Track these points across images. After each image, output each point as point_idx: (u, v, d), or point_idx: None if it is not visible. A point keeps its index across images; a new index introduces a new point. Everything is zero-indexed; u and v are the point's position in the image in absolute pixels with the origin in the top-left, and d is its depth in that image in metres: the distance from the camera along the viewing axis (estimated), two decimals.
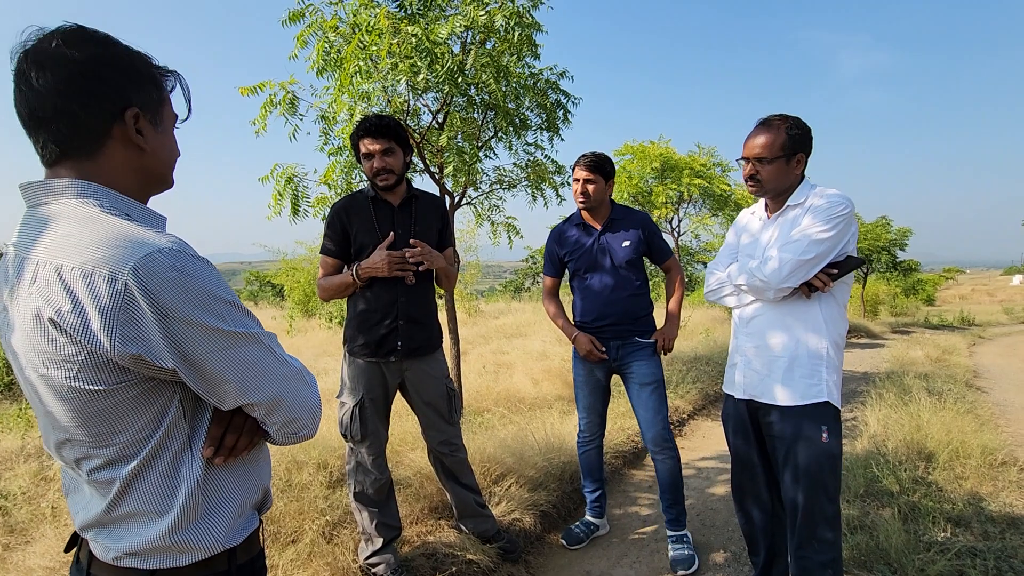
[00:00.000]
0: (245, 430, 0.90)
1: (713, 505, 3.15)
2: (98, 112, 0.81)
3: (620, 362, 2.56)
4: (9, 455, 3.27)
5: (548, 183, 4.54)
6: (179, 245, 0.79)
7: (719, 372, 6.07)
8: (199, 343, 0.79)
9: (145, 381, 0.81)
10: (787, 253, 1.74)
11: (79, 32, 0.81)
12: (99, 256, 0.74)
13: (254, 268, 30.42)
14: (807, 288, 1.77)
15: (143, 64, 0.86)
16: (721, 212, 9.16)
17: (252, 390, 0.85)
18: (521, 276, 22.07)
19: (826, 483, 1.77)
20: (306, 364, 4.63)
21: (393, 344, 2.12)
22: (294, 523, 2.38)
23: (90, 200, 0.81)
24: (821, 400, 1.79)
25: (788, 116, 1.81)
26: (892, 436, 3.83)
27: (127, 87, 0.84)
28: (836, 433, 1.79)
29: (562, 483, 3.11)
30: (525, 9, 3.45)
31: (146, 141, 0.87)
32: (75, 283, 0.74)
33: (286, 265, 13.24)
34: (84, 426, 0.82)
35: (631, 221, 2.57)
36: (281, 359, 0.90)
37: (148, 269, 0.74)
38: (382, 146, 2.06)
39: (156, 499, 0.85)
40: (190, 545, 0.87)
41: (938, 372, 6.61)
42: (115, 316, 0.74)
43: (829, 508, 1.77)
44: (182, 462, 0.86)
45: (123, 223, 0.79)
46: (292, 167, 3.84)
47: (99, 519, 0.87)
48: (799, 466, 1.79)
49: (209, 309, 0.79)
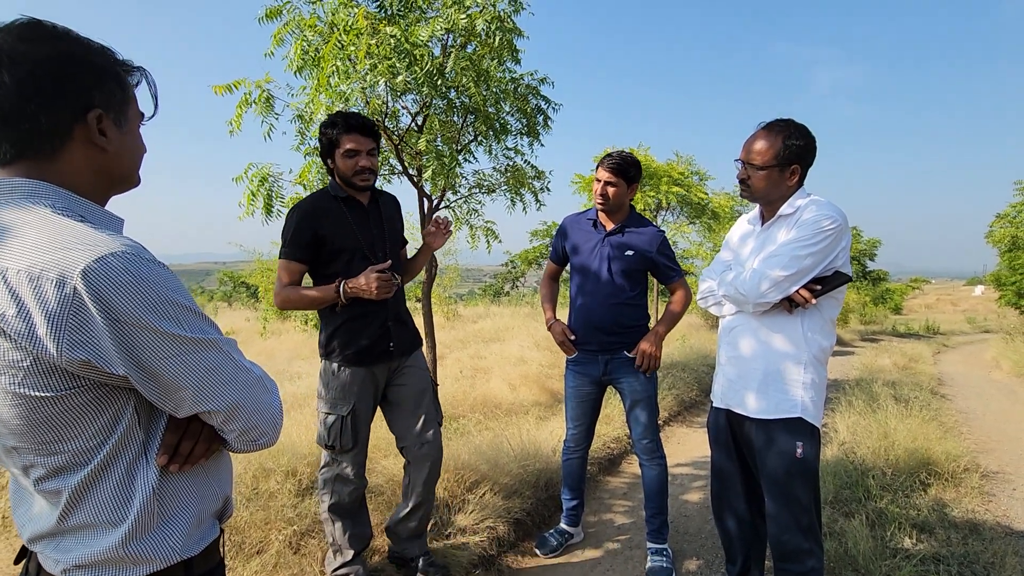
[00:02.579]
0: (202, 437, 0.88)
1: (687, 512, 3.17)
2: (59, 113, 0.78)
3: (610, 376, 2.52)
4: None
5: (527, 188, 4.53)
6: (133, 249, 0.76)
7: (695, 379, 6.13)
8: (153, 349, 0.77)
9: (97, 387, 0.78)
10: (767, 267, 1.70)
11: (36, 27, 0.77)
12: (47, 259, 0.71)
13: (228, 268, 29.83)
14: (788, 303, 1.73)
15: (106, 61, 0.83)
16: (698, 220, 9.30)
17: (209, 397, 0.83)
18: (500, 280, 22.04)
19: (798, 495, 1.76)
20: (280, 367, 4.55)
21: (385, 345, 2.08)
22: (260, 533, 2.31)
23: (40, 201, 0.77)
24: (794, 416, 1.75)
25: (792, 123, 1.75)
26: (861, 443, 3.91)
27: (90, 87, 0.80)
28: (813, 448, 1.76)
29: (537, 490, 3.09)
30: (507, 14, 3.44)
31: (109, 142, 0.84)
32: (20, 287, 0.71)
33: (261, 266, 12.98)
34: (30, 433, 0.79)
35: (643, 233, 2.48)
36: (240, 365, 0.87)
37: (99, 273, 0.72)
38: (369, 145, 2.00)
39: (110, 509, 0.82)
40: (145, 556, 0.84)
41: (905, 380, 6.78)
42: (62, 321, 0.71)
43: (804, 518, 1.76)
44: (137, 470, 0.83)
45: (75, 225, 0.76)
46: (267, 167, 3.76)
47: (49, 531, 0.84)
48: (771, 477, 1.79)
49: (164, 314, 0.77)
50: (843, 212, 1.71)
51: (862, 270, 17.93)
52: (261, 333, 10.85)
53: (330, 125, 2.01)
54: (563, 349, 2.56)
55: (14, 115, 0.76)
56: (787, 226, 1.78)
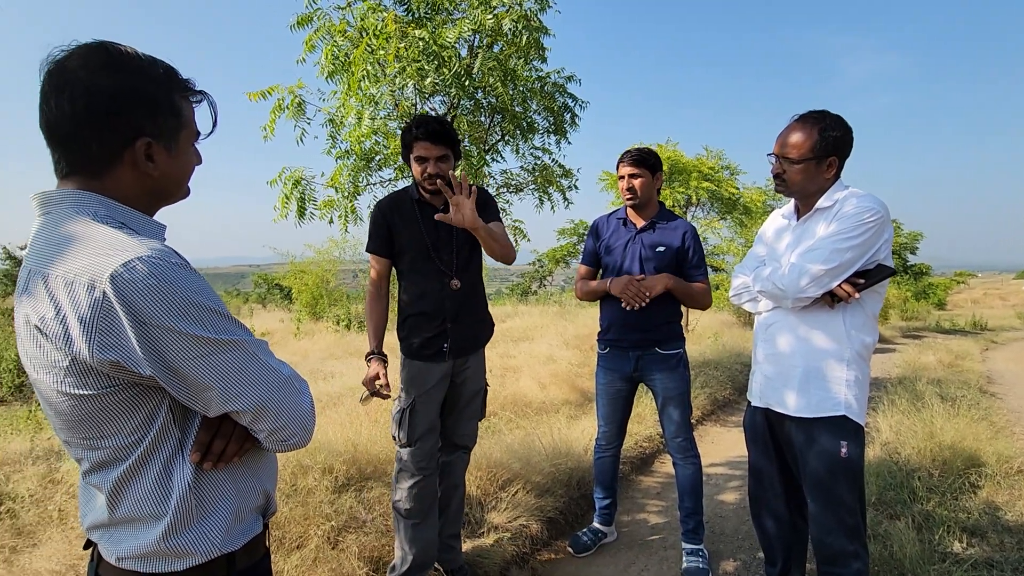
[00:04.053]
0: (234, 436, 0.90)
1: (723, 512, 3.11)
2: (109, 141, 0.83)
3: (642, 373, 2.50)
4: (18, 457, 3.28)
5: (555, 186, 4.53)
6: (160, 253, 0.79)
7: (728, 377, 6.02)
8: (178, 350, 0.79)
9: (131, 387, 0.82)
10: (807, 261, 1.66)
11: (101, 55, 0.82)
12: (81, 265, 0.76)
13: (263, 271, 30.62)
14: (830, 298, 1.68)
15: (162, 92, 0.86)
16: (729, 215, 9.11)
17: (235, 397, 0.85)
18: (528, 279, 22.03)
19: (842, 496, 1.70)
20: (313, 367, 4.63)
21: (439, 346, 2.08)
22: (299, 528, 2.36)
23: (84, 210, 0.82)
24: (837, 414, 1.70)
25: (828, 114, 1.71)
26: (905, 443, 3.77)
27: (141, 119, 0.84)
28: (858, 447, 1.71)
29: (569, 489, 3.08)
30: (533, 13, 3.45)
31: (156, 167, 0.88)
32: (58, 291, 0.76)
33: (294, 268, 13.30)
34: (75, 429, 0.84)
35: (673, 228, 2.45)
36: (267, 366, 0.89)
37: (126, 277, 0.75)
38: (440, 152, 1.97)
39: (151, 503, 0.85)
40: (186, 550, 0.87)
41: (951, 378, 6.51)
42: (93, 324, 0.75)
43: (848, 520, 1.71)
44: (174, 466, 0.86)
45: (111, 232, 0.80)
46: (300, 170, 3.85)
47: (103, 522, 0.88)
48: (814, 477, 1.74)
49: (189, 316, 0.79)
50: (884, 204, 1.66)
51: (903, 264, 17.29)
52: (295, 334, 11.10)
53: (407, 129, 2.03)
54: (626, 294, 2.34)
55: (69, 138, 0.82)
56: (826, 219, 1.73)
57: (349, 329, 10.55)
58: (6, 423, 5.06)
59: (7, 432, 4.12)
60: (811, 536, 1.81)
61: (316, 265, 12.97)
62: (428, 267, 2.07)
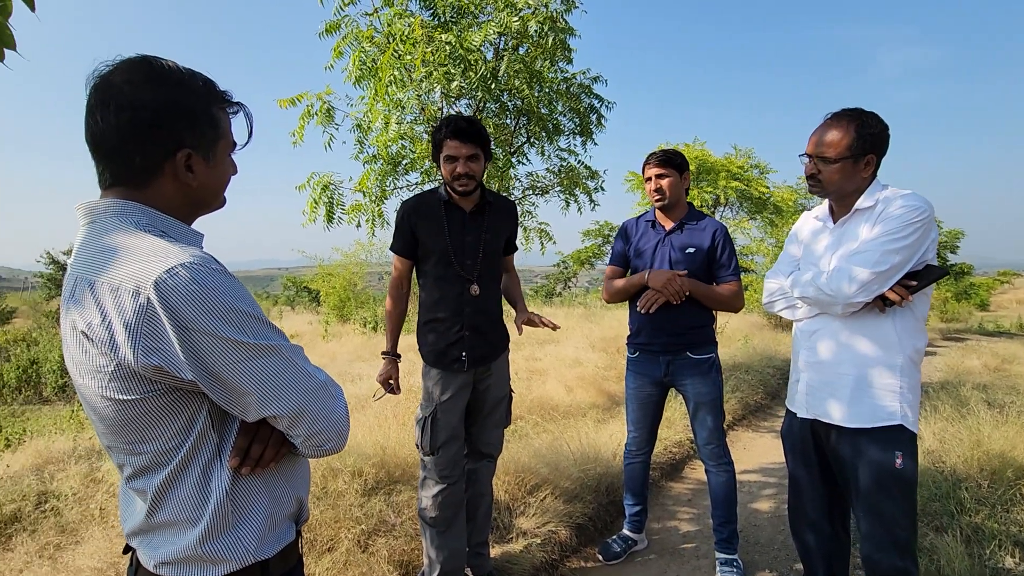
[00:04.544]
0: (271, 441, 0.91)
1: (757, 522, 3.03)
2: (152, 153, 0.85)
3: (672, 378, 2.45)
4: (61, 456, 3.40)
5: (581, 188, 4.49)
6: (202, 260, 0.80)
7: (759, 381, 5.87)
8: (218, 355, 0.80)
9: (172, 391, 0.83)
10: (857, 264, 1.59)
11: (144, 69, 0.84)
12: (126, 271, 0.78)
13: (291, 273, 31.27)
14: (881, 302, 1.62)
15: (201, 105, 0.89)
16: (759, 215, 8.91)
17: (273, 401, 0.86)
18: (552, 281, 21.96)
19: (895, 510, 1.63)
20: (340, 369, 4.68)
21: (458, 354, 2.05)
22: (330, 531, 2.38)
23: (128, 219, 0.84)
24: (893, 423, 1.63)
25: (862, 112, 1.65)
26: (950, 452, 3.60)
27: (182, 131, 0.86)
28: (912, 458, 1.64)
29: (598, 495, 3.04)
30: (559, 13, 3.42)
31: (195, 178, 0.90)
32: (104, 297, 0.78)
33: (322, 271, 13.52)
34: (118, 434, 0.85)
35: (703, 228, 2.41)
36: (303, 371, 0.89)
37: (169, 283, 0.76)
38: (469, 151, 1.95)
39: (189, 508, 0.86)
40: (221, 556, 0.88)
41: (998, 383, 6.22)
42: (138, 329, 0.77)
43: (901, 536, 1.63)
44: (212, 471, 0.87)
45: (152, 239, 0.82)
46: (328, 175, 3.90)
47: (141, 527, 0.90)
48: (865, 491, 1.66)
49: (228, 321, 0.80)
50: (929, 202, 1.59)
51: (943, 263, 16.66)
52: (323, 336, 11.28)
53: (437, 128, 2.03)
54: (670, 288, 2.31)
55: (113, 151, 0.84)
56: (868, 220, 1.67)
57: (376, 331, 10.67)
58: (50, 423, 5.26)
59: (51, 432, 4.27)
60: (861, 552, 1.73)
61: (343, 268, 13.16)
62: (449, 271, 2.05)
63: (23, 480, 2.95)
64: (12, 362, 8.38)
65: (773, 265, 1.99)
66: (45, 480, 2.98)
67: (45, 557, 2.36)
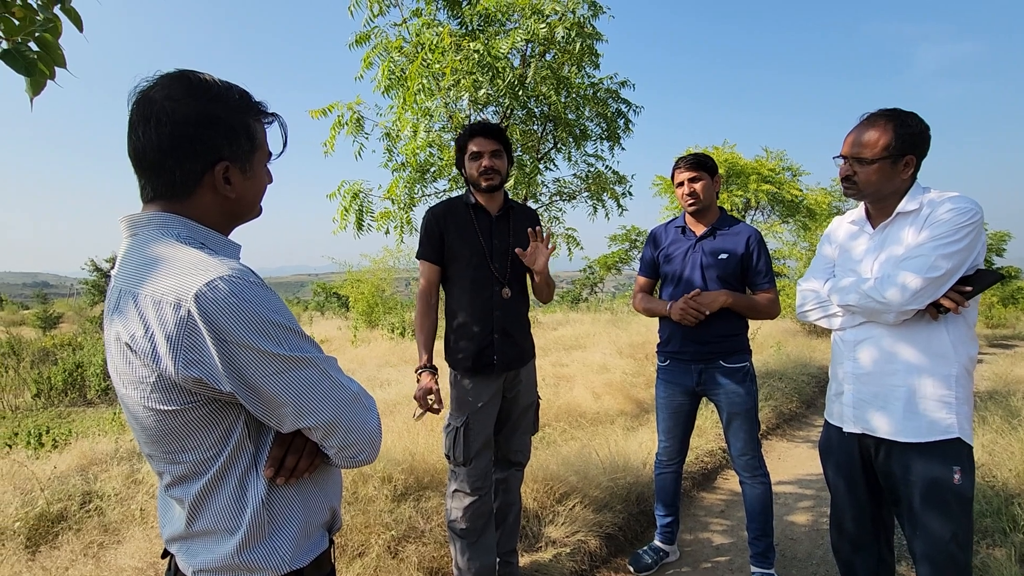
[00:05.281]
0: (305, 452, 0.91)
1: (794, 535, 2.93)
2: (191, 167, 0.87)
3: (705, 387, 2.40)
4: (104, 457, 3.52)
5: (609, 193, 4.45)
6: (240, 273, 0.82)
7: (793, 389, 5.71)
8: (256, 367, 0.81)
9: (210, 403, 0.84)
10: (908, 271, 1.52)
11: (184, 83, 0.87)
12: (167, 285, 0.79)
13: (321, 280, 31.88)
14: (935, 309, 1.55)
15: (238, 117, 0.90)
16: (792, 219, 8.71)
17: (308, 413, 0.86)
18: (579, 287, 21.85)
19: (955, 529, 1.54)
20: (370, 374, 4.71)
21: (489, 358, 2.06)
22: (360, 537, 2.40)
23: (169, 232, 0.86)
24: (952, 436, 1.55)
25: (900, 111, 1.59)
26: (1001, 465, 3.43)
27: (220, 144, 0.88)
28: (969, 474, 1.56)
29: (628, 504, 2.99)
30: (586, 19, 3.42)
31: (232, 189, 0.91)
32: (147, 310, 0.79)
33: (351, 277, 13.74)
34: (158, 443, 0.87)
35: (736, 233, 2.36)
36: (337, 383, 0.90)
37: (209, 297, 0.78)
38: (493, 147, 2.03)
39: (227, 517, 0.88)
40: (257, 565, 0.89)
41: None
42: (179, 341, 0.78)
43: (960, 557, 1.55)
44: (248, 481, 0.88)
45: (193, 252, 0.83)
46: (358, 183, 3.97)
47: (180, 534, 0.91)
48: (924, 511, 1.58)
49: (266, 334, 0.81)
50: (979, 204, 1.52)
51: (989, 267, 15.97)
52: (352, 341, 11.44)
53: (461, 134, 2.10)
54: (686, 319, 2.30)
55: (154, 166, 0.86)
56: (913, 225, 1.59)
57: (404, 336, 10.78)
58: (94, 424, 5.46)
59: (95, 433, 4.43)
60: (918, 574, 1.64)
61: (371, 274, 13.35)
62: (481, 274, 2.06)
63: (69, 480, 3.07)
64: (59, 365, 8.74)
65: (806, 270, 1.92)
66: (89, 480, 3.09)
67: (89, 556, 2.44)
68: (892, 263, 1.60)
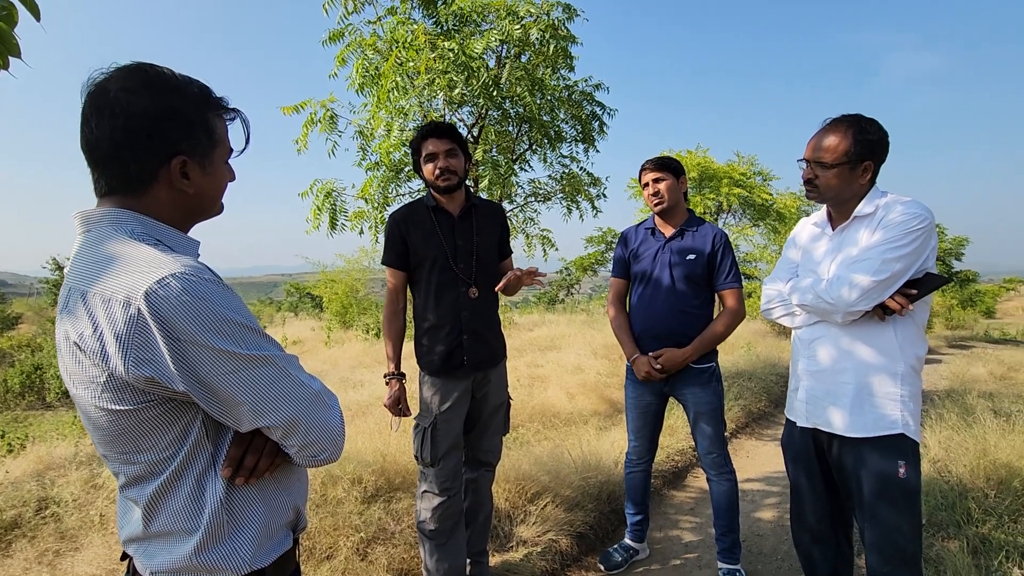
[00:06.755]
0: (265, 452, 0.90)
1: (760, 531, 3.00)
2: (147, 160, 0.84)
3: (672, 388, 2.44)
4: (63, 461, 3.40)
5: (583, 195, 4.49)
6: (194, 270, 0.80)
7: (762, 388, 5.84)
8: (211, 365, 0.80)
9: (165, 402, 0.82)
10: (858, 272, 1.58)
11: (140, 75, 0.84)
12: (117, 283, 0.77)
13: (295, 280, 31.37)
14: (881, 310, 1.61)
15: (197, 112, 0.88)
16: (763, 222, 8.91)
17: (267, 412, 0.85)
18: (555, 288, 21.96)
19: (901, 521, 1.61)
20: (343, 375, 4.66)
21: (459, 359, 2.05)
22: (329, 539, 2.37)
23: (122, 228, 0.84)
24: (895, 432, 1.61)
25: (861, 118, 1.64)
26: (956, 461, 3.57)
27: (177, 138, 0.86)
28: (915, 468, 1.62)
29: (599, 503, 3.02)
30: (560, 22, 3.44)
31: (191, 185, 0.89)
32: (96, 309, 0.77)
33: (325, 277, 13.56)
34: (113, 443, 0.85)
35: (703, 233, 2.41)
36: (297, 381, 0.89)
37: (160, 294, 0.76)
38: (446, 146, 2.02)
39: (184, 518, 0.86)
40: (217, 565, 0.87)
41: (1004, 391, 6.17)
42: (129, 340, 0.76)
43: (908, 547, 1.61)
44: (206, 482, 0.87)
45: (146, 249, 0.81)
46: (331, 183, 3.92)
47: (138, 535, 0.89)
48: (870, 502, 1.64)
49: (221, 332, 0.80)
50: (930, 209, 1.59)
51: (948, 271, 16.58)
52: (325, 342, 11.29)
53: (414, 139, 2.09)
54: (649, 379, 2.41)
55: (107, 158, 0.84)
56: (868, 227, 1.65)
57: (378, 338, 10.68)
58: (53, 428, 5.27)
59: (53, 437, 4.28)
60: (867, 563, 1.70)
61: (346, 274, 13.20)
62: (446, 276, 2.05)
63: (24, 486, 2.95)
64: (16, 367, 8.41)
65: (771, 271, 1.98)
66: (46, 486, 2.98)
67: (44, 563, 2.36)
68: (846, 264, 1.65)
